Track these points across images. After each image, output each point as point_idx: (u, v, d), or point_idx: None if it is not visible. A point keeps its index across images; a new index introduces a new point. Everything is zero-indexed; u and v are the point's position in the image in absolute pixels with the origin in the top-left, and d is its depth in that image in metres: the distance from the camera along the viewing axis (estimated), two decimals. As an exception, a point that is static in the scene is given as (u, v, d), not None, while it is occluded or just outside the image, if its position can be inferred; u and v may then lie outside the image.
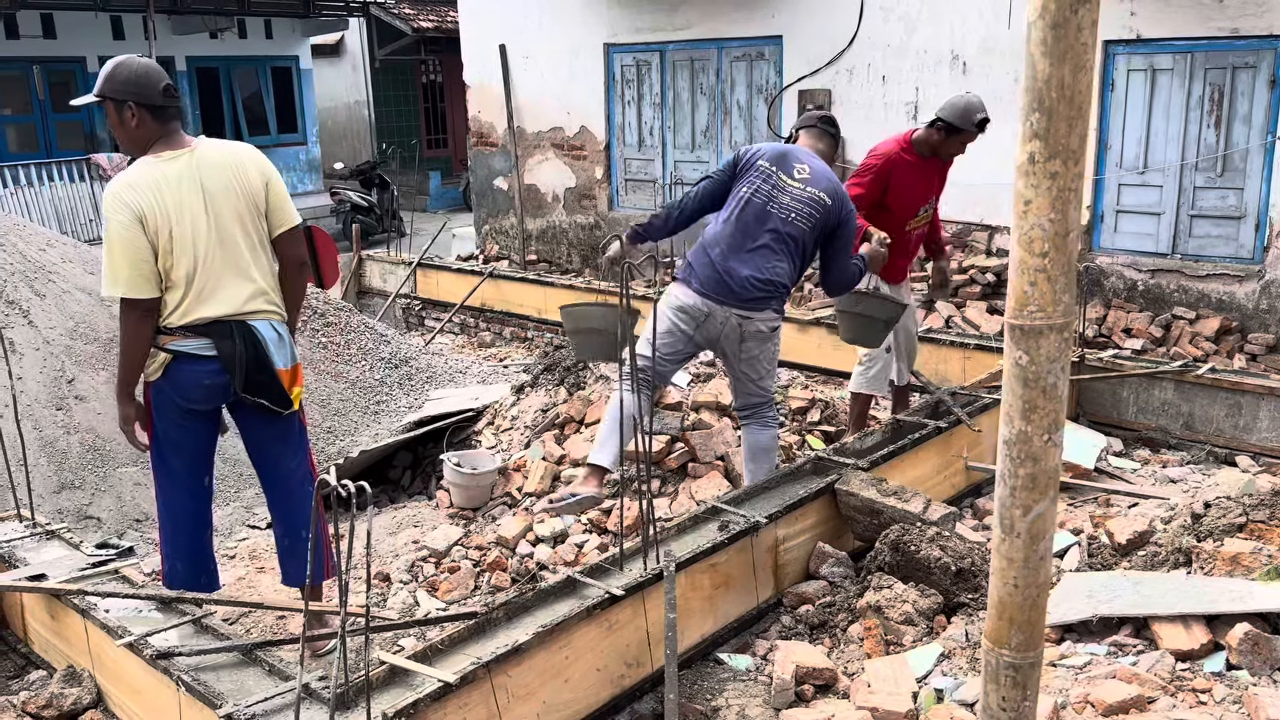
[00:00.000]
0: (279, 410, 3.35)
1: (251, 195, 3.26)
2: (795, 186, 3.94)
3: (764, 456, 4.09)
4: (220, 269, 3.21)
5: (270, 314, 3.33)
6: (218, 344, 3.23)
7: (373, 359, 6.70)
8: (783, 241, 3.92)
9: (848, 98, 8.31)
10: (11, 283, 5.39)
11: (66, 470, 4.83)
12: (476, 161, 11.29)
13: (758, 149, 4.07)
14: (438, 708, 2.54)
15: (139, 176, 3.17)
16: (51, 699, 3.05)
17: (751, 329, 3.93)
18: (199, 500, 3.43)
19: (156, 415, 3.34)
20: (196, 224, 3.17)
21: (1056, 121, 1.26)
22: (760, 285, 3.89)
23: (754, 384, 4.05)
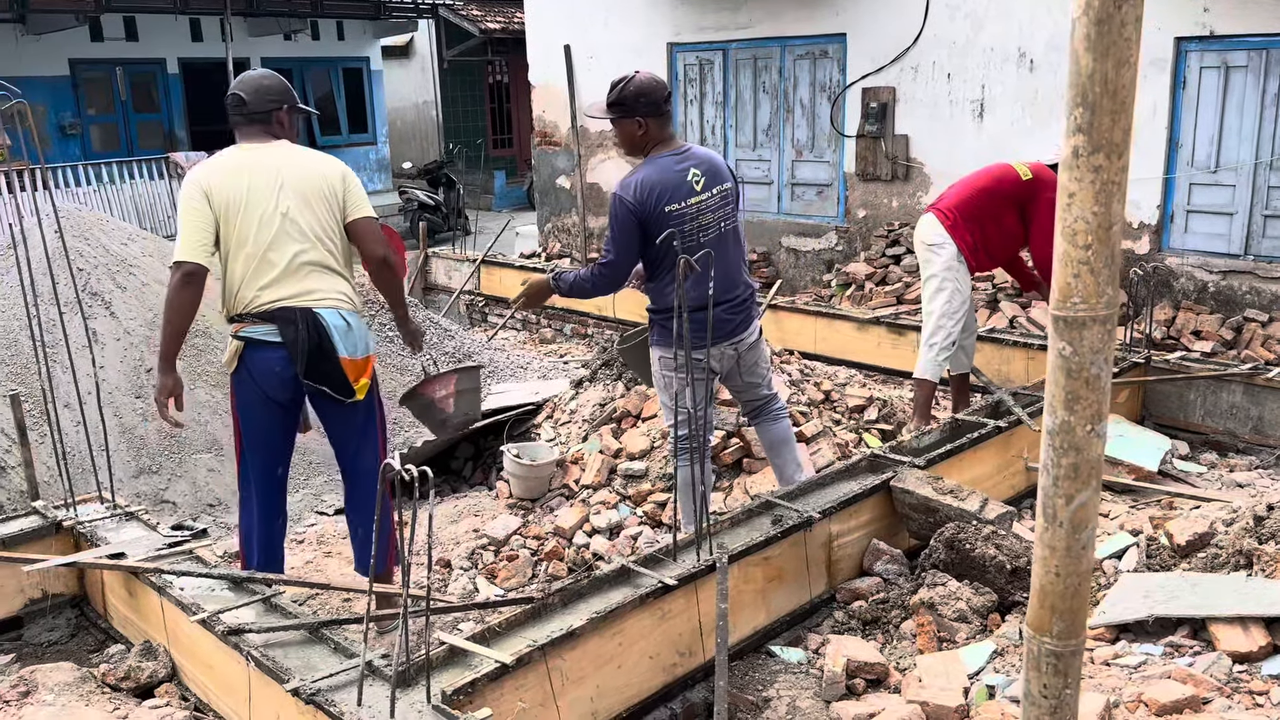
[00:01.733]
0: (341, 398, 3.46)
1: (327, 186, 3.39)
2: (704, 198, 3.74)
3: (787, 447, 4.10)
4: (287, 255, 3.34)
5: (340, 303, 3.43)
6: (282, 329, 3.34)
7: (437, 353, 6.84)
8: (733, 255, 3.84)
9: (912, 95, 8.25)
10: (95, 275, 5.61)
11: (144, 456, 5.02)
12: (540, 160, 11.42)
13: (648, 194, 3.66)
14: (495, 688, 2.62)
15: (219, 159, 3.40)
16: (129, 671, 3.19)
17: (746, 345, 3.93)
18: (273, 490, 3.57)
19: (239, 406, 3.49)
20: (266, 209, 3.32)
21: (1100, 116, 1.28)
22: (741, 310, 3.88)
23: (759, 387, 4.06)
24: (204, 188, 3.33)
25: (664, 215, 3.65)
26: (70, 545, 3.70)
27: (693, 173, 3.73)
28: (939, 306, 4.92)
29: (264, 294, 3.34)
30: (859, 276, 8.25)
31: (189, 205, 3.33)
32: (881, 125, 8.43)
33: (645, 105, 3.75)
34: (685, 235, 3.65)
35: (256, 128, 3.43)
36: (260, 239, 3.32)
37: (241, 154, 3.41)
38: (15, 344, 5.18)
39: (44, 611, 3.69)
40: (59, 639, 3.63)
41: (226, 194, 3.32)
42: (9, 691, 3.03)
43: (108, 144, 14.53)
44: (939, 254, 4.90)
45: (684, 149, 3.81)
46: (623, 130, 3.83)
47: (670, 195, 3.67)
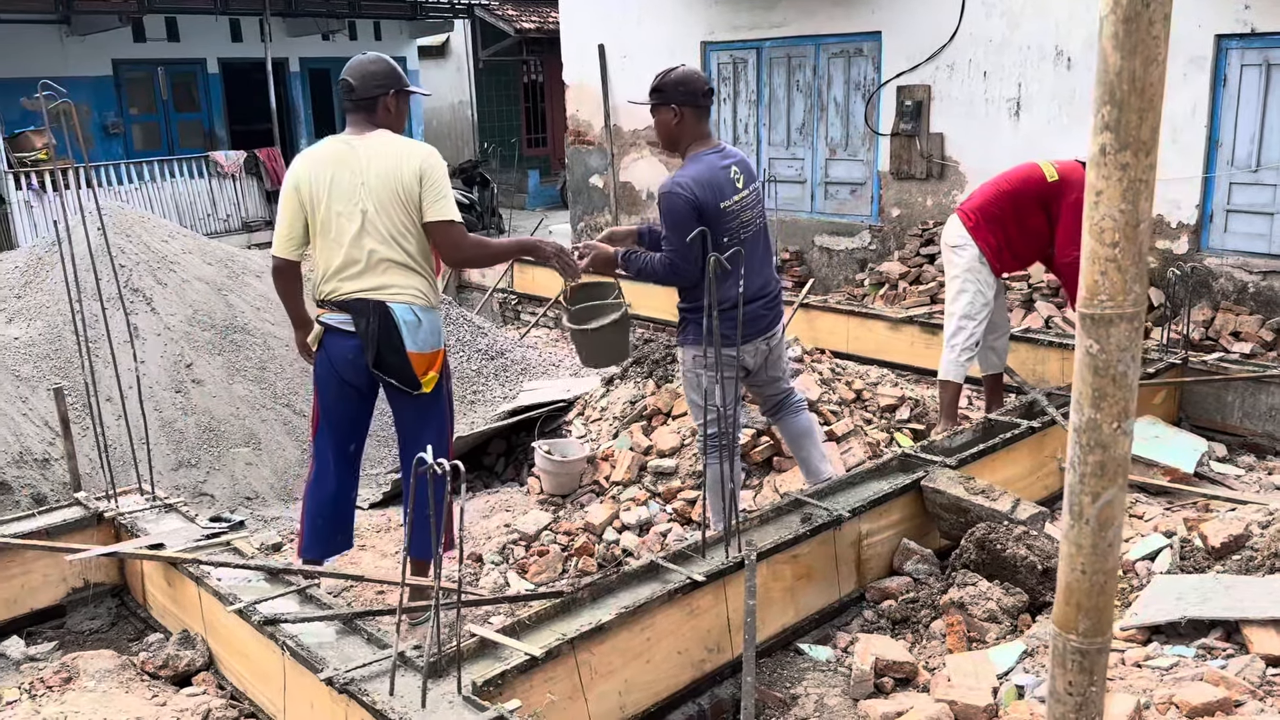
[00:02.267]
0: (407, 390, 3.53)
1: (403, 191, 3.41)
2: (743, 195, 3.77)
3: (809, 438, 4.10)
4: (365, 251, 3.42)
5: (413, 299, 3.48)
6: (355, 320, 3.44)
7: (470, 350, 6.90)
8: (766, 252, 3.91)
9: (948, 94, 8.20)
10: (137, 272, 5.72)
11: (184, 449, 5.11)
12: (573, 159, 11.47)
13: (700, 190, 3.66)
14: (524, 680, 2.65)
15: (317, 149, 3.52)
16: (168, 660, 3.26)
17: (775, 340, 3.96)
18: (345, 463, 3.68)
19: (317, 382, 3.63)
20: (348, 205, 3.40)
21: (1128, 114, 1.28)
22: (772, 306, 3.92)
23: (780, 382, 4.07)
24: (296, 179, 3.47)
25: (719, 212, 3.68)
26: (111, 536, 3.78)
27: (733, 171, 3.77)
28: (960, 308, 4.91)
29: (344, 285, 3.45)
30: (892, 276, 8.21)
31: (285, 196, 3.50)
32: (916, 123, 8.38)
33: (683, 95, 3.77)
34: (732, 232, 3.69)
35: (362, 114, 3.50)
36: (341, 233, 3.42)
37: (336, 146, 3.48)
38: (59, 339, 5.30)
39: (86, 600, 3.78)
40: (100, 627, 3.71)
41: (314, 186, 3.44)
42: (52, 677, 3.11)
43: (149, 143, 14.76)
44: (960, 255, 4.89)
45: (721, 147, 3.84)
46: (659, 119, 3.86)
47: (721, 192, 3.71)
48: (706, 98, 3.82)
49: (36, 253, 5.94)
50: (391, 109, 3.54)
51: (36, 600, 3.67)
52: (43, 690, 3.05)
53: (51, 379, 5.07)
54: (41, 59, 12.69)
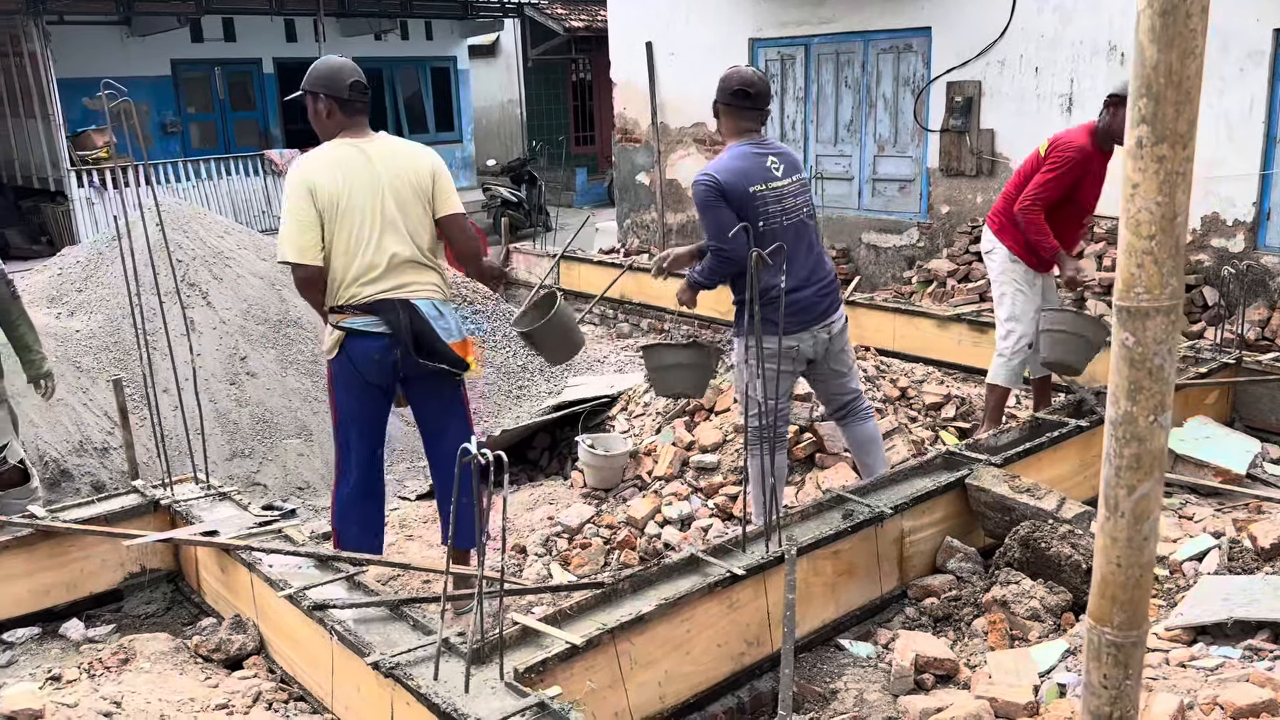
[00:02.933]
0: (456, 372, 3.60)
1: (418, 182, 3.51)
2: (785, 184, 3.84)
3: (875, 446, 4.10)
4: (386, 248, 3.47)
5: (432, 294, 3.58)
6: (385, 318, 3.49)
7: (516, 346, 6.97)
8: (813, 244, 3.94)
9: (998, 90, 8.12)
10: (193, 267, 5.86)
11: (238, 440, 5.23)
12: (620, 157, 11.51)
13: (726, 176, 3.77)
14: (565, 667, 2.69)
15: (319, 154, 3.53)
16: (220, 644, 3.34)
17: (837, 329, 3.98)
18: (370, 468, 3.72)
19: (337, 388, 3.65)
20: (363, 205, 3.46)
21: (1164, 106, 1.28)
22: (827, 294, 3.93)
23: (845, 379, 4.07)
24: (309, 186, 3.46)
25: (749, 195, 3.76)
26: (167, 523, 3.89)
27: (771, 159, 3.84)
28: (1004, 312, 4.88)
29: (365, 289, 3.50)
30: (941, 273, 8.15)
31: (296, 205, 3.46)
32: (966, 120, 8.31)
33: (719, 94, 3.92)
34: (769, 217, 3.77)
35: (361, 117, 3.58)
36: (361, 238, 3.47)
37: (345, 150, 3.51)
38: (118, 331, 5.45)
39: (142, 585, 3.88)
40: (155, 611, 3.82)
41: (330, 193, 3.45)
42: (110, 658, 3.21)
43: (206, 141, 15.07)
44: (993, 260, 4.90)
45: (761, 140, 3.93)
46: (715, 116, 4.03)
47: (752, 177, 3.78)
48: (736, 97, 3.89)
49: (97, 248, 6.11)
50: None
51: (95, 584, 3.78)
52: (101, 670, 3.15)
53: (111, 370, 5.22)
54: (103, 59, 13.01)
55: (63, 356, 5.29)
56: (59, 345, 5.29)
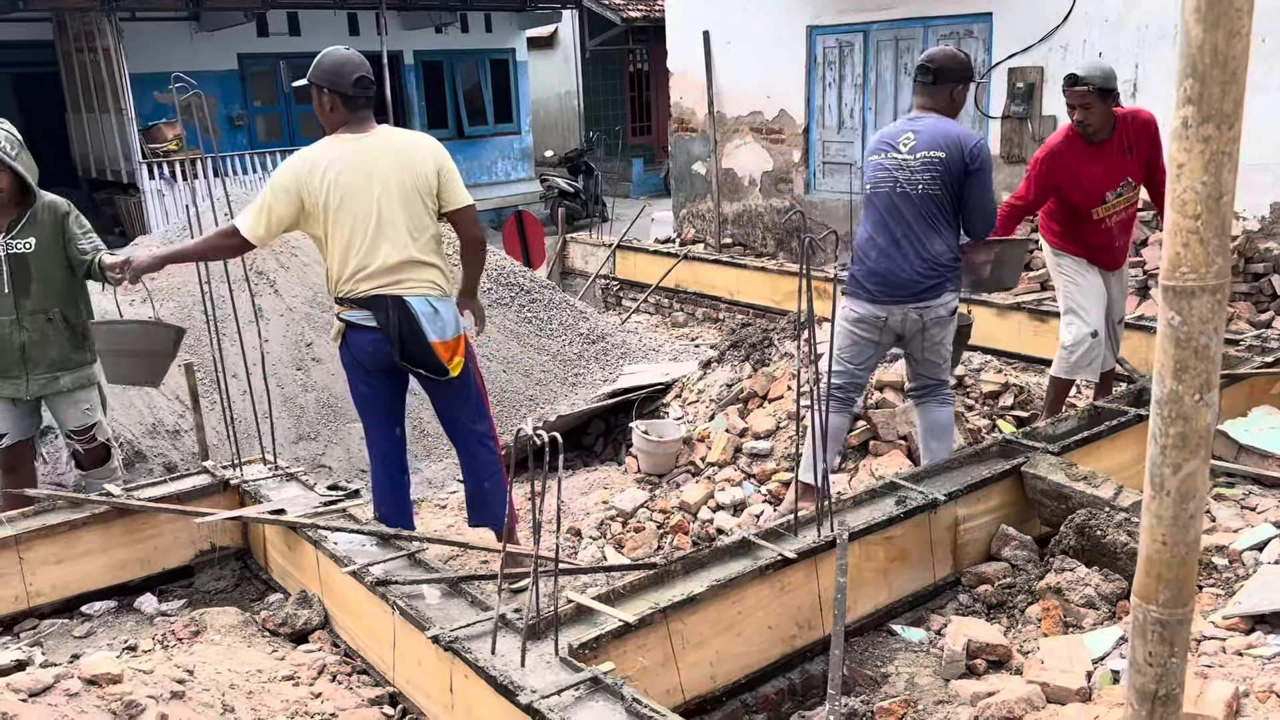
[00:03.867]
0: (436, 377, 3.66)
1: (419, 178, 3.52)
2: (906, 158, 3.93)
3: (944, 434, 4.10)
4: (381, 245, 3.51)
5: (428, 290, 3.59)
6: (375, 315, 3.56)
7: (572, 334, 7.05)
8: (925, 219, 3.93)
9: (1060, 75, 7.96)
10: (261, 255, 6.02)
11: (304, 424, 5.38)
12: (676, 147, 11.53)
13: (870, 145, 4.11)
14: (618, 644, 2.74)
15: (315, 151, 3.56)
16: (286, 618, 3.46)
17: (932, 316, 3.96)
18: (390, 448, 3.83)
19: (348, 375, 3.79)
20: (360, 201, 3.49)
21: (1210, 86, 1.29)
22: (926, 274, 3.91)
23: (936, 367, 4.08)
24: (300, 180, 3.48)
25: (869, 162, 4.03)
26: (236, 502, 4.02)
27: (909, 134, 3.96)
28: (1061, 304, 4.84)
29: (360, 285, 3.55)
30: (1000, 262, 8.05)
31: (279, 190, 3.50)
32: (1028, 106, 8.19)
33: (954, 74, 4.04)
34: (877, 183, 3.98)
35: (365, 112, 3.59)
36: (356, 236, 3.50)
37: (345, 146, 3.51)
38: (189, 318, 5.62)
39: (212, 562, 4.03)
40: (225, 588, 3.96)
41: (325, 191, 3.47)
42: (182, 630, 3.35)
43: (272, 134, 15.38)
44: (1043, 255, 4.87)
45: (921, 116, 4.03)
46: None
47: (880, 145, 4.02)
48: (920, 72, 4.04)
49: (168, 237, 6.31)
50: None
51: (168, 561, 3.93)
52: (174, 642, 3.28)
53: (182, 356, 5.39)
54: (172, 55, 13.35)
55: (137, 342, 5.47)
56: (133, 331, 5.48)
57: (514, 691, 2.48)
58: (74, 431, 4.17)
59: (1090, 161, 4.55)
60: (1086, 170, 4.55)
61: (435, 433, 5.58)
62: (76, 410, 4.13)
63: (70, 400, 4.11)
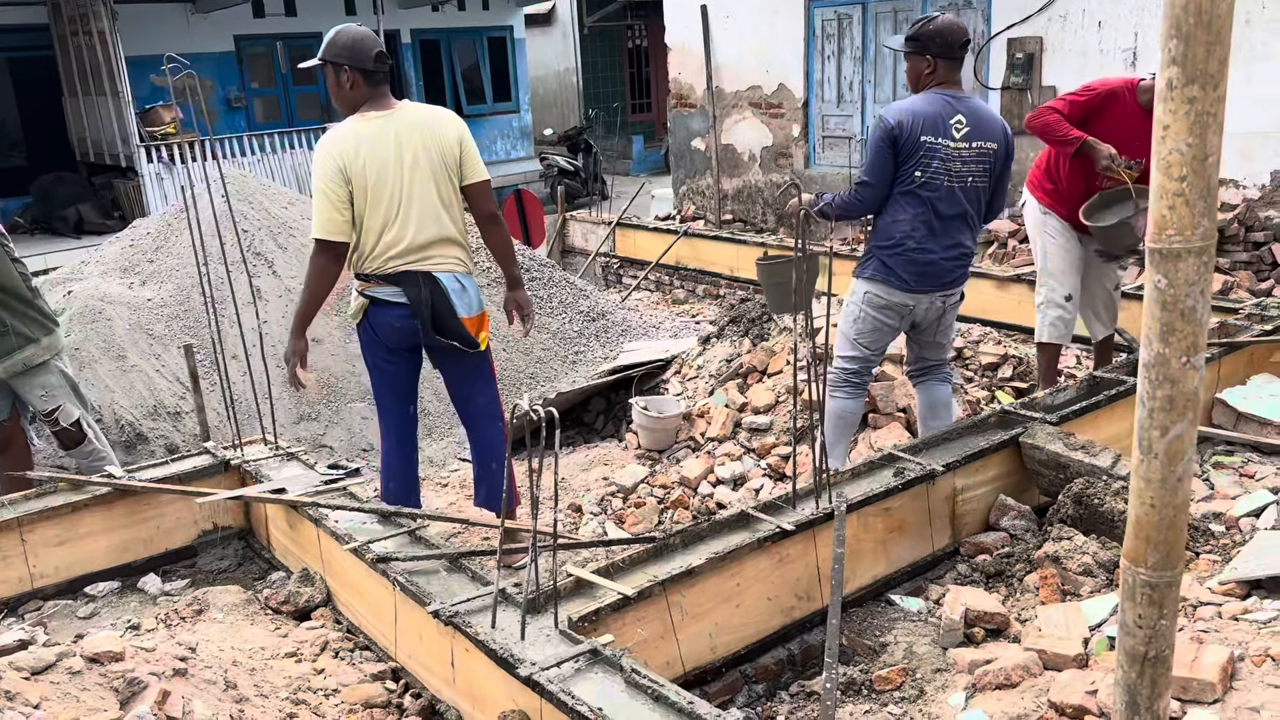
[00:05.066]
0: (466, 350, 3.67)
1: (445, 152, 3.54)
2: (961, 147, 3.80)
3: (945, 411, 4.11)
4: (412, 222, 3.52)
5: (454, 267, 3.62)
6: (406, 291, 3.57)
7: (573, 312, 7.05)
8: (967, 212, 3.89)
9: (1060, 45, 7.94)
10: (259, 237, 6.02)
11: (304, 404, 5.40)
12: (675, 123, 11.48)
13: (910, 121, 3.80)
14: (617, 617, 2.76)
15: (345, 131, 3.52)
16: (289, 596, 3.48)
17: (952, 301, 3.99)
18: (405, 426, 3.84)
19: (365, 352, 3.78)
20: (393, 179, 3.49)
21: (1194, 47, 1.29)
22: (960, 264, 3.93)
23: (941, 349, 4.09)
24: (339, 164, 3.47)
25: (919, 144, 3.76)
26: (237, 482, 4.04)
27: (957, 118, 3.81)
28: (1037, 264, 4.85)
29: (392, 261, 3.56)
30: (1001, 234, 8.03)
31: (328, 184, 3.48)
32: (1028, 76, 8.15)
33: (939, 46, 3.83)
34: (933, 172, 3.76)
35: (384, 87, 3.59)
36: (390, 212, 3.51)
37: (373, 124, 3.51)
38: (189, 300, 5.63)
39: (215, 542, 4.05)
40: (227, 567, 3.98)
41: (361, 169, 3.47)
42: (185, 609, 3.37)
43: (270, 116, 15.33)
44: (1027, 213, 4.86)
45: (960, 95, 3.88)
46: (912, 66, 3.93)
47: (930, 128, 3.76)
48: (961, 49, 3.87)
49: (166, 219, 6.31)
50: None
51: (171, 541, 3.95)
52: (177, 620, 3.31)
53: (182, 338, 5.41)
54: (169, 37, 13.29)
55: (135, 324, 5.48)
56: (132, 313, 5.49)
57: (514, 664, 2.49)
58: (40, 415, 4.23)
59: (1132, 121, 4.52)
60: (1128, 126, 4.51)
61: (436, 411, 5.60)
62: (33, 395, 4.20)
63: (26, 385, 4.16)
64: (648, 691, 2.34)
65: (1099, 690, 2.41)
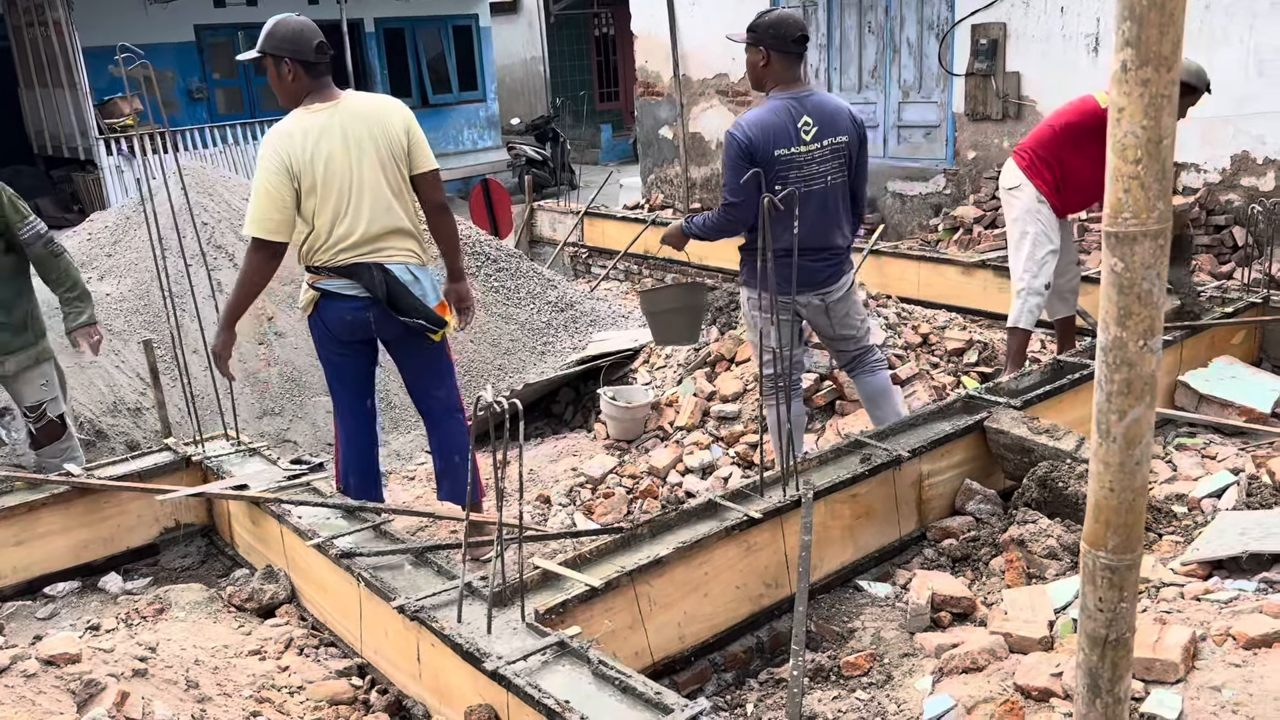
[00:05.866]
0: (433, 329, 3.61)
1: (392, 142, 3.47)
2: (813, 149, 3.73)
3: (885, 399, 4.08)
4: (364, 213, 3.47)
5: (407, 258, 3.57)
6: (360, 281, 3.52)
7: (541, 303, 7.01)
8: (829, 208, 3.83)
9: (1024, 31, 7.97)
10: (219, 229, 5.94)
11: (268, 399, 5.33)
12: (643, 111, 11.44)
13: (760, 135, 3.70)
14: (585, 609, 2.75)
15: (290, 127, 3.45)
16: (253, 593, 3.44)
17: (835, 298, 3.93)
18: (362, 420, 3.79)
19: (318, 345, 3.75)
20: (341, 172, 3.44)
21: (1148, 29, 1.28)
22: (831, 264, 3.88)
23: (852, 340, 4.05)
24: (285, 162, 3.40)
25: (773, 159, 3.69)
26: (199, 479, 3.99)
27: (804, 121, 3.73)
28: (1024, 252, 4.80)
29: (344, 254, 3.52)
30: (967, 220, 8.07)
31: (271, 182, 3.40)
32: (992, 63, 8.18)
33: (771, 38, 3.76)
34: (788, 183, 3.65)
35: (327, 78, 3.52)
36: (341, 205, 3.46)
37: (318, 118, 3.44)
38: (148, 294, 5.54)
39: (177, 540, 4.00)
40: (190, 565, 3.93)
41: (309, 164, 3.41)
42: (146, 608, 3.32)
43: (232, 107, 15.11)
44: (1017, 197, 4.77)
45: (803, 94, 3.80)
46: (749, 58, 3.87)
47: (780, 139, 3.69)
48: (797, 44, 3.78)
49: (124, 213, 6.20)
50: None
51: (132, 540, 3.89)
52: (138, 620, 3.25)
53: (142, 333, 5.32)
54: (127, 27, 13.05)
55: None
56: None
57: (480, 658, 2.47)
58: (28, 408, 4.14)
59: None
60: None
61: (403, 405, 5.55)
62: (32, 386, 4.15)
63: (31, 376, 4.14)
64: (615, 683, 2.33)
65: (1064, 672, 2.42)
